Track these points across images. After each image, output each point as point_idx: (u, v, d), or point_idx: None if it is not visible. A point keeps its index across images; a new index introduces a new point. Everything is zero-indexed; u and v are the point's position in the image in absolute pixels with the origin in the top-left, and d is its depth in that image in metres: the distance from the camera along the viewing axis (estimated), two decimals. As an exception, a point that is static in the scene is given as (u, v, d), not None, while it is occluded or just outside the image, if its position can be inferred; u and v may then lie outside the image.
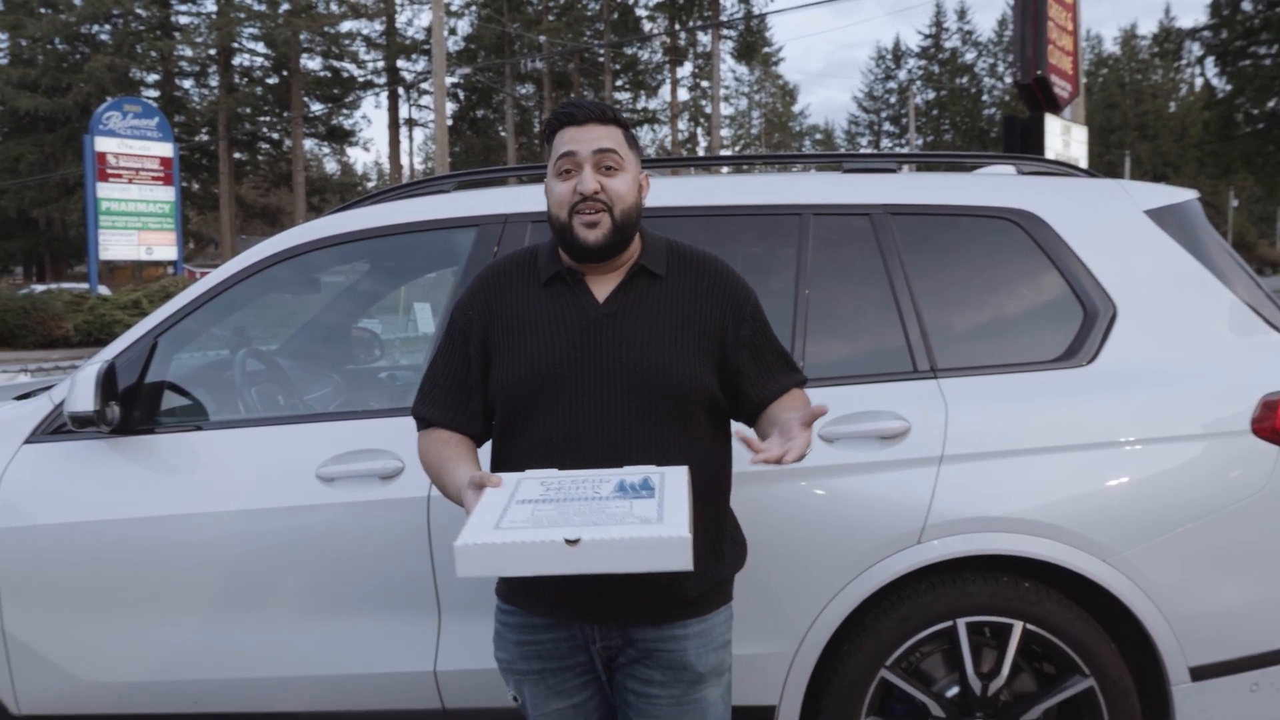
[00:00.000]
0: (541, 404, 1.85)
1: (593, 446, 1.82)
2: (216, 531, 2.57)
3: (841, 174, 2.86)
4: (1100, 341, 2.57)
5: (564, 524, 1.55)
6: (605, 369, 1.84)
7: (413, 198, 2.93)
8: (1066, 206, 2.72)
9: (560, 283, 1.92)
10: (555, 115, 1.91)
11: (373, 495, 2.54)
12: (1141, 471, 2.46)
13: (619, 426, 1.82)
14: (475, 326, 1.94)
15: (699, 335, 1.88)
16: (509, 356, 1.88)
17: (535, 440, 1.85)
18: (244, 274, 2.83)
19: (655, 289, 1.90)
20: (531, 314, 1.90)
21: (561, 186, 1.87)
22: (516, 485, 1.71)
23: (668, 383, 1.84)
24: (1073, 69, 14.84)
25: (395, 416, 2.64)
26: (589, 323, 1.87)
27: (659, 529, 1.51)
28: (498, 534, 1.53)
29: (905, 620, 2.47)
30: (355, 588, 2.55)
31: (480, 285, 1.98)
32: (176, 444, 2.68)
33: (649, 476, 1.71)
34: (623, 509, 1.59)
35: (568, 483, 1.71)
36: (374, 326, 9.19)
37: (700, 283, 1.92)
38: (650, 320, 1.87)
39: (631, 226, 1.88)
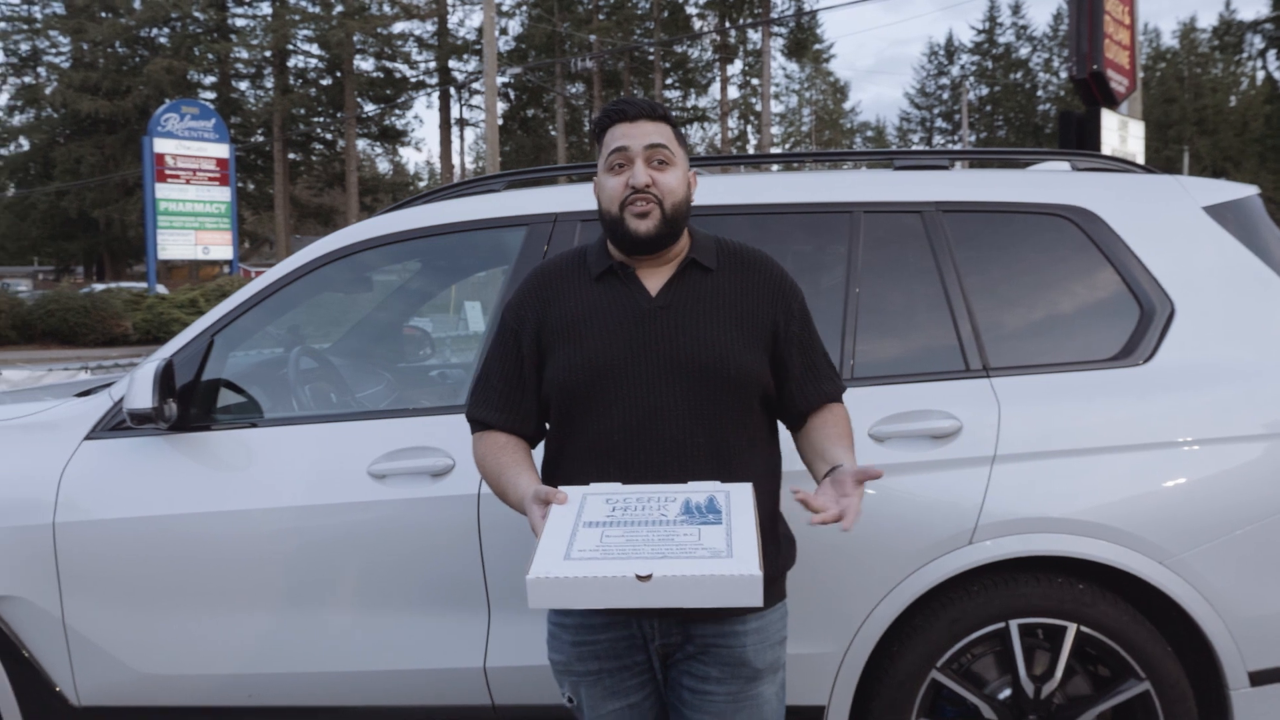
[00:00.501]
0: (598, 398, 1.85)
1: (652, 441, 1.82)
2: (271, 527, 2.61)
3: (893, 171, 2.84)
4: (1158, 340, 2.52)
5: (633, 554, 1.55)
6: (662, 360, 1.84)
7: (463, 197, 2.96)
8: (1123, 203, 2.68)
9: (612, 277, 1.93)
10: (605, 112, 1.93)
11: (423, 492, 2.56)
12: (1199, 472, 2.42)
13: (678, 420, 1.83)
14: (528, 325, 1.95)
15: (752, 326, 1.89)
16: (563, 351, 1.89)
17: (592, 436, 1.85)
18: (298, 273, 2.87)
19: (707, 281, 1.92)
20: (585, 308, 1.91)
21: (613, 181, 1.90)
22: (582, 504, 1.70)
23: (726, 372, 1.84)
24: (1130, 63, 14.57)
25: (446, 414, 2.66)
26: (643, 315, 1.88)
27: (730, 565, 1.52)
28: (569, 566, 1.53)
29: (957, 621, 2.44)
30: (406, 584, 2.57)
31: (531, 284, 1.99)
32: (232, 441, 2.73)
33: (714, 497, 1.71)
34: (690, 537, 1.59)
35: (633, 501, 1.70)
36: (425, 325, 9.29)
37: (750, 276, 1.94)
38: (704, 311, 1.88)
39: (681, 220, 1.91)
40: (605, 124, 1.94)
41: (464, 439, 2.58)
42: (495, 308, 2.77)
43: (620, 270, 1.93)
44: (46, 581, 2.70)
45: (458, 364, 4.80)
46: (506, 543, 2.52)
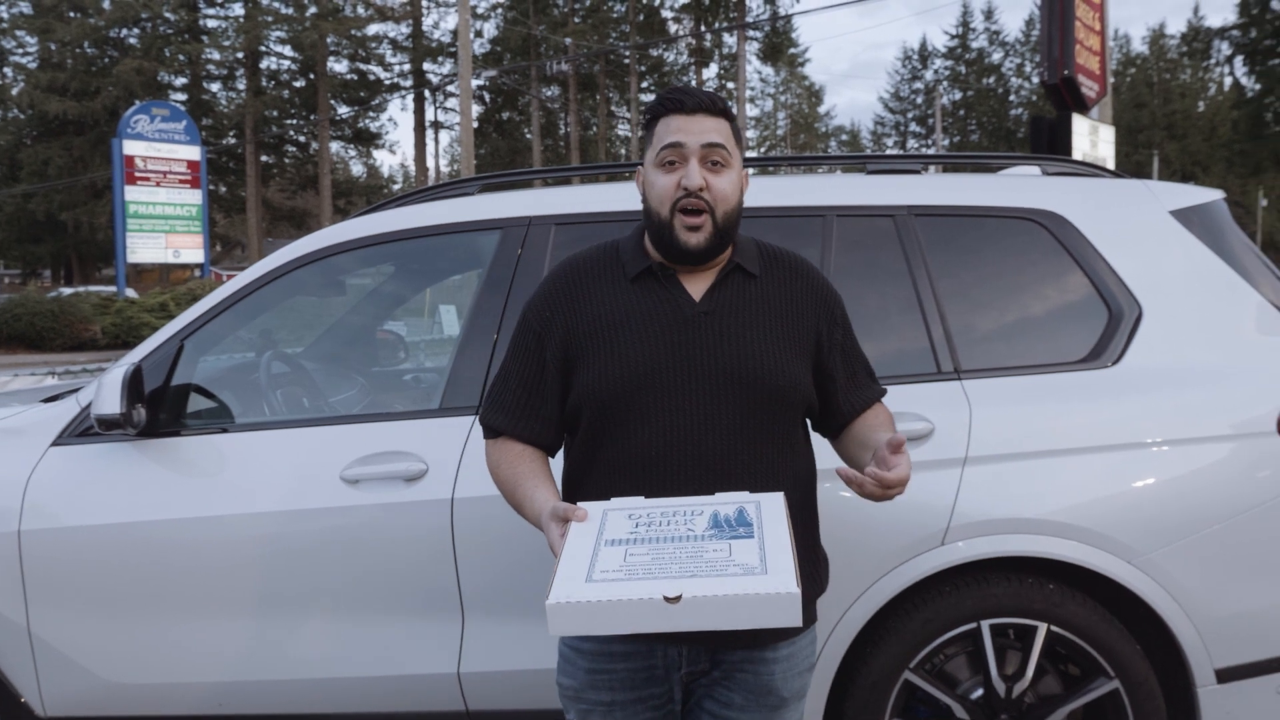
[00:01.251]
0: (635, 410, 1.73)
1: (693, 457, 1.71)
2: (241, 533, 2.60)
3: (865, 175, 2.86)
4: (1125, 342, 2.55)
5: (660, 573, 1.45)
6: (706, 370, 1.73)
7: (437, 200, 2.95)
8: (1091, 207, 2.71)
9: (650, 279, 1.80)
10: (661, 101, 1.78)
11: (397, 497, 2.55)
12: (1167, 473, 2.45)
13: (722, 434, 1.72)
14: (554, 327, 1.81)
15: (798, 336, 1.80)
16: (597, 358, 1.76)
17: (627, 450, 1.74)
18: (270, 277, 2.86)
19: (751, 288, 1.81)
20: (621, 311, 1.77)
21: (665, 180, 1.75)
22: (603, 520, 1.60)
23: (774, 385, 1.74)
24: (1100, 69, 14.73)
25: (420, 419, 2.66)
26: (685, 321, 1.76)
27: (765, 583, 1.41)
28: (591, 589, 1.43)
29: (929, 622, 2.46)
30: (379, 589, 2.57)
31: (559, 282, 1.85)
32: (202, 446, 2.71)
33: (744, 508, 1.61)
34: (721, 553, 1.49)
35: (657, 516, 1.60)
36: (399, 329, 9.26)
37: (795, 282, 1.84)
38: (749, 319, 1.78)
39: (733, 230, 1.78)
40: (659, 113, 1.78)
41: (438, 443, 2.58)
42: (470, 311, 2.77)
43: (660, 272, 1.80)
44: (11, 589, 2.67)
45: (431, 368, 4.79)
46: (480, 547, 2.51)
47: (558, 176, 3.24)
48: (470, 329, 2.73)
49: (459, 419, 2.61)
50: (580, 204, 2.82)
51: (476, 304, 2.75)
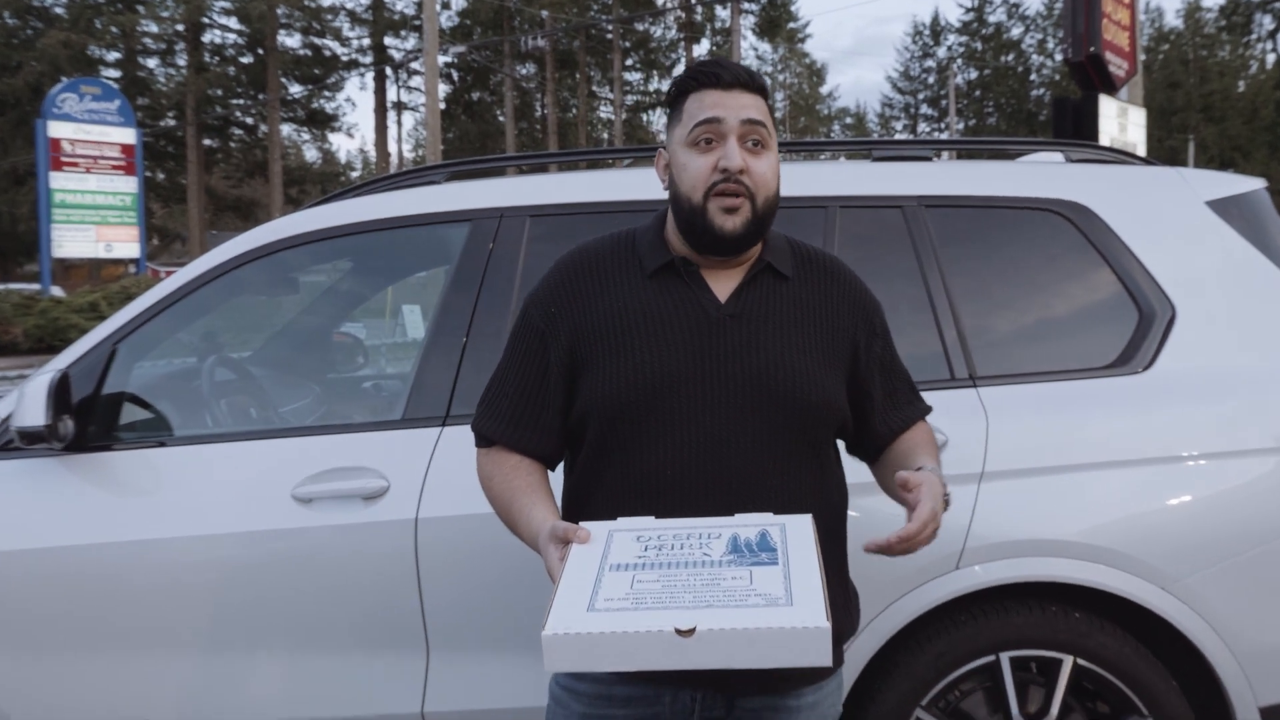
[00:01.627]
0: (650, 422, 1.69)
1: (714, 476, 1.68)
2: (180, 559, 2.58)
3: (871, 163, 2.88)
4: (1157, 346, 2.57)
5: (671, 603, 1.41)
6: (731, 381, 1.70)
7: (401, 189, 2.96)
8: (1119, 197, 2.73)
9: (670, 275, 1.77)
10: (693, 75, 1.75)
11: (354, 518, 2.55)
12: (1205, 489, 2.47)
13: (745, 454, 1.68)
14: (560, 325, 1.77)
15: (834, 346, 1.77)
16: (609, 362, 1.72)
17: (640, 468, 1.70)
18: (214, 274, 2.85)
19: (783, 290, 1.78)
20: (637, 310, 1.74)
21: (700, 160, 1.71)
22: (608, 542, 1.57)
23: (805, 400, 1.71)
24: (1130, 45, 14.83)
25: (380, 431, 2.66)
26: (710, 324, 1.72)
27: (791, 615, 1.37)
28: (593, 619, 1.39)
29: (942, 655, 2.47)
30: (335, 620, 2.56)
31: (567, 274, 1.82)
32: (137, 462, 2.70)
33: (767, 531, 1.57)
34: (740, 581, 1.45)
35: (669, 538, 1.56)
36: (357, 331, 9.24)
37: (831, 286, 1.81)
38: (780, 325, 1.74)
39: (770, 218, 1.75)
40: (689, 87, 1.75)
41: (400, 457, 2.58)
42: (436, 312, 2.77)
43: (683, 267, 1.76)
44: (-75, 622, 2.65)
45: (394, 374, 4.79)
46: (447, 573, 2.51)
47: (533, 163, 3.25)
48: (436, 331, 2.73)
49: (424, 431, 2.61)
50: (558, 194, 2.83)
51: (443, 304, 2.75)
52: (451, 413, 2.61)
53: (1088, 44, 13.34)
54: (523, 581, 2.44)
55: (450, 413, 2.61)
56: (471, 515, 2.47)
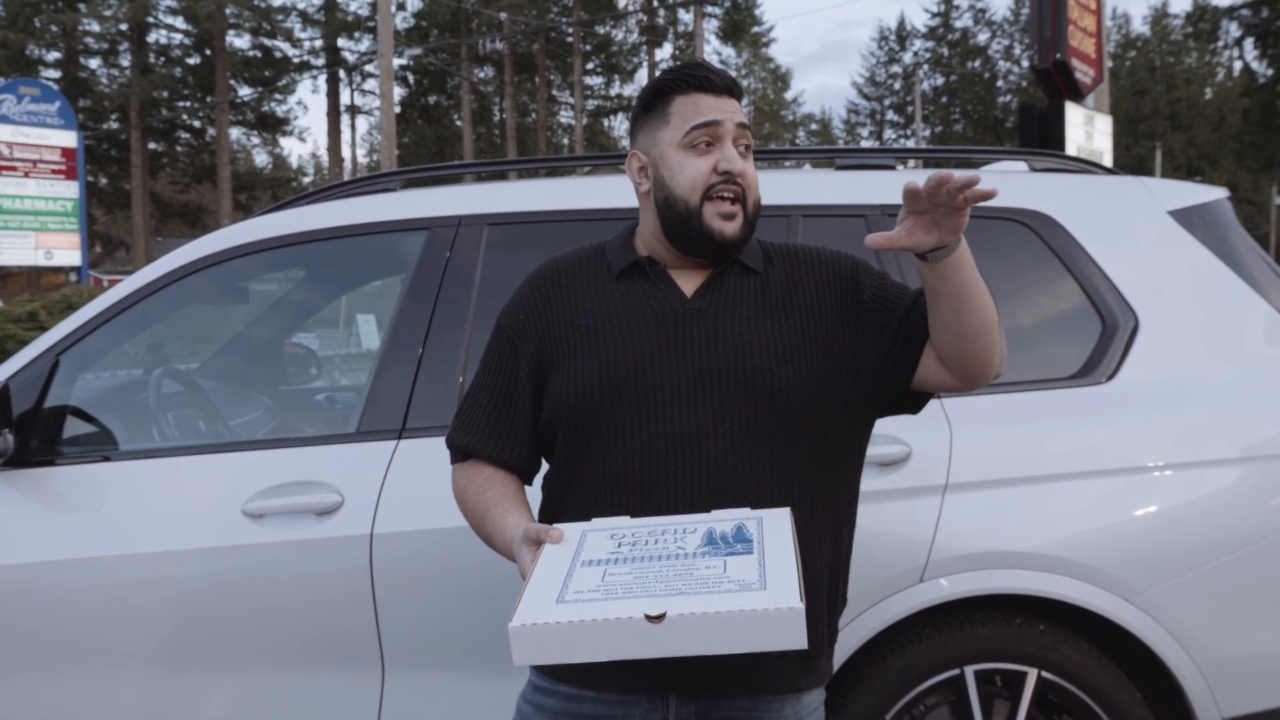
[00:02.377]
0: (617, 420, 1.71)
1: (689, 470, 1.68)
2: (127, 577, 2.57)
3: (834, 171, 2.92)
4: (1121, 356, 2.62)
5: (642, 592, 1.42)
6: (698, 373, 1.71)
7: (355, 197, 2.96)
8: (1082, 207, 2.79)
9: (637, 274, 1.81)
10: (682, 77, 1.78)
11: (307, 534, 2.54)
12: (1169, 500, 2.51)
13: (720, 446, 1.69)
14: (529, 331, 1.82)
15: (813, 326, 1.77)
16: (574, 361, 1.75)
17: (610, 465, 1.71)
18: (160, 283, 2.84)
19: (751, 282, 1.80)
20: (603, 310, 1.78)
21: (699, 163, 1.75)
22: (580, 541, 1.59)
23: (776, 385, 1.70)
24: (1096, 52, 15.05)
25: (334, 444, 2.66)
26: (675, 318, 1.75)
27: (763, 598, 1.38)
28: (561, 610, 1.40)
29: (907, 669, 2.50)
30: (287, 639, 2.55)
31: (535, 283, 1.87)
32: (81, 477, 2.68)
33: (743, 524, 1.58)
34: (714, 571, 1.46)
35: (644, 535, 1.58)
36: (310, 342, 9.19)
37: (799, 270, 1.83)
38: (747, 314, 1.76)
39: (757, 220, 1.80)
40: (675, 89, 1.78)
41: (355, 471, 2.58)
42: (391, 322, 2.77)
43: (649, 266, 1.80)
44: None
45: (348, 386, 4.77)
46: (404, 590, 2.51)
47: (492, 170, 3.26)
48: (392, 342, 2.73)
49: (379, 444, 2.61)
50: (518, 201, 2.84)
51: (399, 313, 2.75)
52: (408, 425, 2.62)
53: (1054, 50, 13.53)
54: (481, 598, 2.44)
55: (406, 425, 2.62)
56: (428, 530, 2.47)
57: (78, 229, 23.87)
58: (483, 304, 2.70)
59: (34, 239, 23.16)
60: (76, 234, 23.86)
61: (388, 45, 22.92)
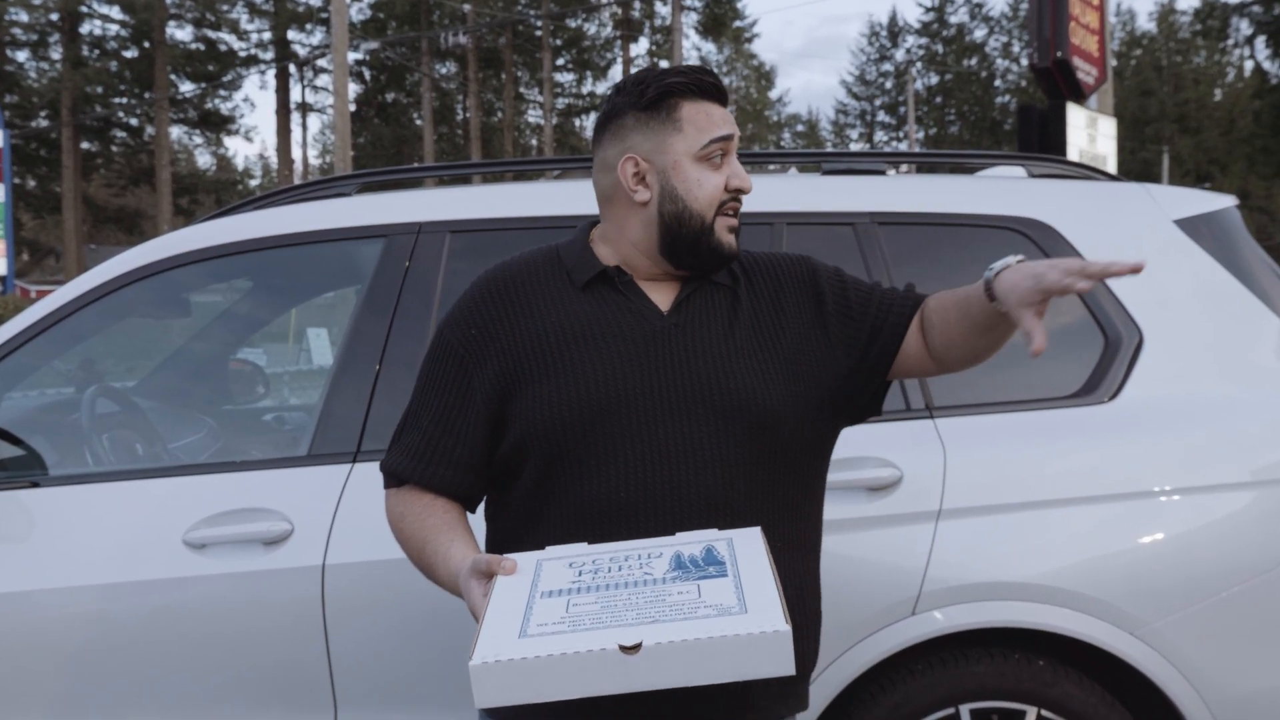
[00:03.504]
0: (598, 444, 1.70)
1: (674, 497, 1.69)
2: (59, 612, 2.55)
3: (821, 176, 2.94)
4: (1124, 373, 2.64)
5: (614, 622, 1.39)
6: (679, 393, 1.72)
7: (306, 201, 2.96)
8: (1083, 215, 2.82)
9: (604, 286, 1.81)
10: (695, 82, 1.79)
11: (254, 565, 2.54)
12: (1175, 527, 2.53)
13: (709, 470, 1.70)
14: (486, 350, 1.78)
15: (789, 341, 1.81)
16: (547, 382, 1.73)
17: (587, 495, 1.70)
18: (94, 294, 2.82)
19: (721, 297, 1.83)
20: (571, 325, 1.76)
21: (716, 179, 1.78)
22: (536, 571, 1.56)
23: (760, 407, 1.73)
24: (1099, 50, 15.19)
25: (283, 468, 2.65)
26: (653, 334, 1.76)
27: (746, 622, 1.36)
28: (525, 644, 1.37)
29: (898, 707, 2.51)
30: (233, 678, 2.54)
31: (486, 293, 1.83)
32: (7, 503, 2.66)
33: (713, 546, 1.57)
34: (688, 596, 1.44)
35: (605, 562, 1.56)
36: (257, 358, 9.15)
37: (767, 283, 1.87)
38: (724, 331, 1.79)
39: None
40: (685, 93, 1.79)
41: (305, 498, 2.58)
42: (345, 336, 2.77)
43: (617, 277, 1.80)
44: None
45: (298, 405, 4.76)
46: (358, 624, 2.51)
47: (454, 174, 3.27)
48: (346, 358, 2.73)
49: (332, 468, 2.61)
50: (482, 207, 2.85)
51: (354, 327, 2.75)
52: (363, 448, 2.61)
53: (1054, 49, 13.64)
54: (442, 634, 2.44)
55: (361, 448, 2.61)
56: (384, 561, 2.47)
57: (3, 235, 23.70)
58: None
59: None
60: (1, 241, 23.68)
61: (342, 38, 22.90)
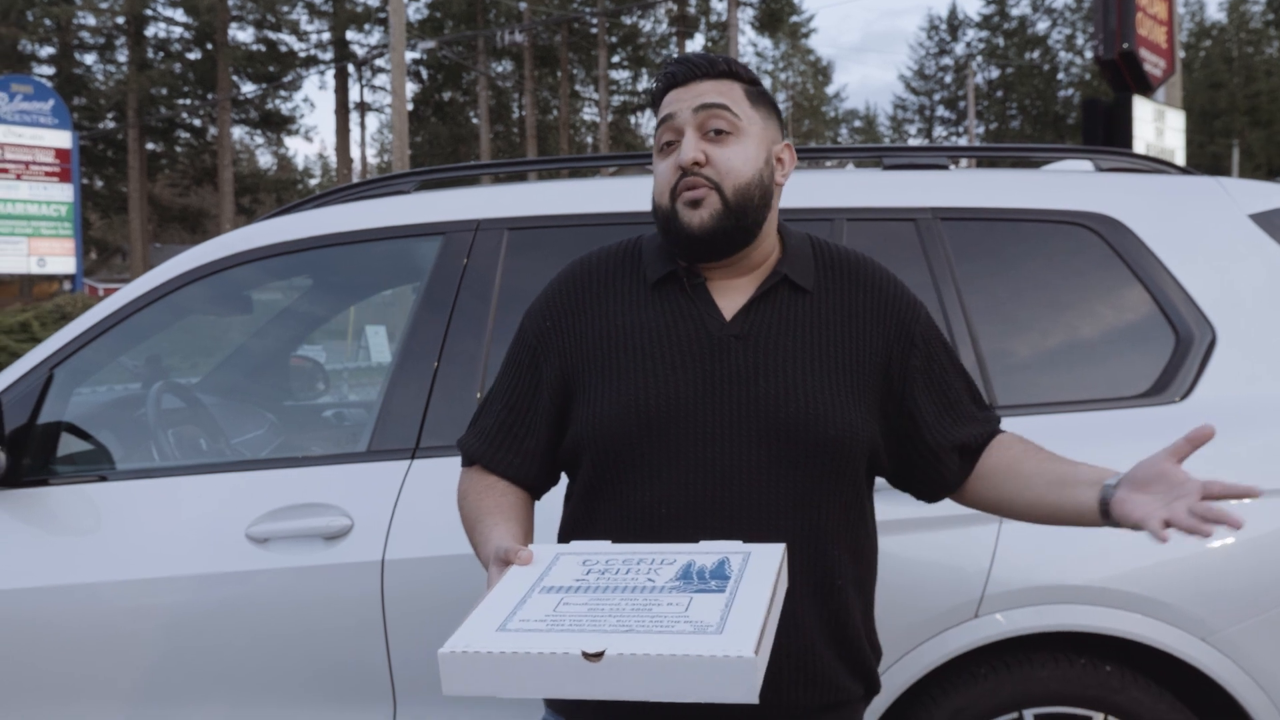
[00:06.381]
0: (645, 456, 1.69)
1: (721, 516, 1.66)
2: (124, 604, 2.59)
3: (881, 171, 2.91)
4: (1196, 372, 2.60)
5: (591, 626, 1.40)
6: (737, 410, 1.68)
7: (365, 200, 2.97)
8: (1154, 210, 2.77)
9: (674, 286, 1.77)
10: (661, 77, 1.79)
11: (315, 559, 2.56)
12: (1248, 531, 2.47)
13: (756, 492, 1.67)
14: (552, 341, 1.80)
15: (861, 368, 1.74)
16: (602, 389, 1.73)
17: (635, 505, 1.70)
18: (160, 292, 2.86)
19: (800, 305, 1.76)
20: (633, 328, 1.75)
21: (662, 165, 1.76)
22: (550, 564, 1.58)
23: (822, 432, 1.68)
24: (1168, 42, 14.97)
25: (343, 464, 2.67)
26: (712, 345, 1.71)
27: (715, 643, 1.34)
28: (498, 639, 1.39)
29: (960, 711, 2.48)
30: (292, 672, 2.56)
31: (562, 287, 1.84)
32: (76, 498, 2.70)
33: (727, 559, 1.55)
34: (675, 608, 1.43)
35: (618, 563, 1.57)
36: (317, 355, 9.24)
37: (858, 297, 1.78)
38: (795, 347, 1.72)
39: (752, 211, 1.72)
40: (658, 93, 1.79)
41: (365, 493, 2.59)
42: (404, 333, 2.78)
43: (687, 278, 1.76)
44: None
45: (357, 402, 4.79)
46: (417, 620, 2.52)
47: (511, 171, 3.27)
48: (405, 355, 2.74)
49: (391, 464, 2.62)
50: (539, 204, 2.85)
51: (412, 325, 2.76)
52: (421, 444, 2.62)
53: (1121, 40, 13.46)
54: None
55: (420, 444, 2.62)
56: (443, 557, 2.48)
57: (72, 234, 24.13)
58: (502, 314, 2.70)
59: (26, 245, 23.43)
60: (71, 240, 24.12)
61: (400, 38, 23.09)
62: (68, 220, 24.07)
